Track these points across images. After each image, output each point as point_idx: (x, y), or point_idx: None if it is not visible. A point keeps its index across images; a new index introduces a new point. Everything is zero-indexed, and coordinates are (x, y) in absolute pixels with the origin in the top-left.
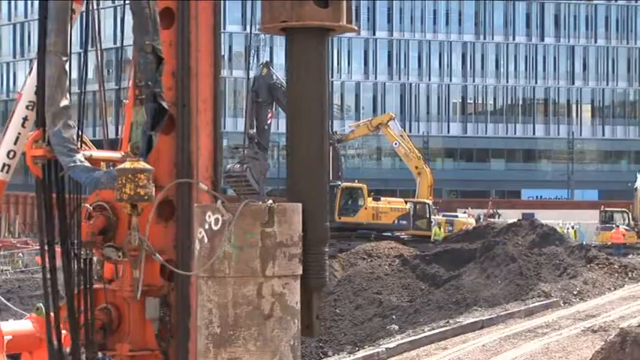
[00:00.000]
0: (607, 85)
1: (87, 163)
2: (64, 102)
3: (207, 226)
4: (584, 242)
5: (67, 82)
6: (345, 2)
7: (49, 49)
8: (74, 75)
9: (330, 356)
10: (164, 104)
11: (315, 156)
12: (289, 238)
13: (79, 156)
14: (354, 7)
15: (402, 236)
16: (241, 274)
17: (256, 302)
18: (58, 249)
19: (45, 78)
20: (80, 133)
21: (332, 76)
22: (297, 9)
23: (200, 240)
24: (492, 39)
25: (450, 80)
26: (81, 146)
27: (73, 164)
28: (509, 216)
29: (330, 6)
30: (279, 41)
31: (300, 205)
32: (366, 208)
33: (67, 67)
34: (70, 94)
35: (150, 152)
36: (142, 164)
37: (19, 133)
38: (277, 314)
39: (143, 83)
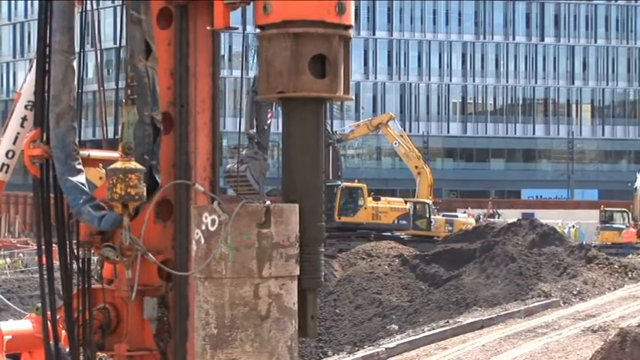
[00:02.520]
0: (607, 85)
1: (81, 178)
2: (71, 102)
3: (203, 227)
4: (584, 242)
5: (74, 82)
6: (342, 73)
7: (55, 47)
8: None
9: (329, 356)
10: (158, 177)
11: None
12: (286, 238)
13: (76, 164)
14: (356, 8)
15: (401, 236)
16: (238, 275)
17: (253, 303)
18: (55, 249)
19: (50, 77)
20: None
21: None
22: (294, 80)
23: (197, 241)
24: (492, 39)
25: (450, 80)
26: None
27: (65, 177)
28: (509, 216)
29: (327, 77)
30: None
31: (296, 205)
32: (365, 208)
33: (74, 65)
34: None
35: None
36: (133, 164)
37: (18, 133)
38: (274, 315)
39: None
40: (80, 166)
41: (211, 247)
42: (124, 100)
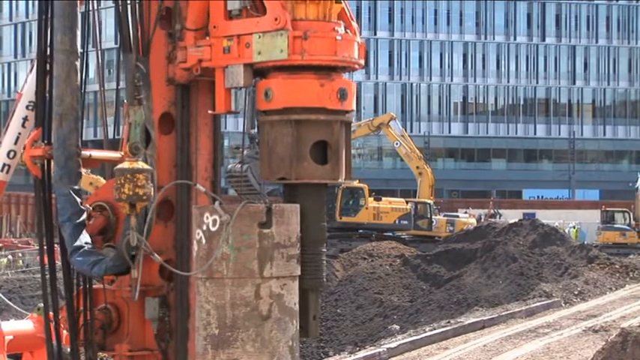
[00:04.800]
0: (608, 85)
1: (77, 184)
2: (74, 103)
3: (205, 227)
4: (586, 242)
5: (77, 82)
6: (343, 158)
7: (57, 47)
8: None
9: (331, 356)
10: (136, 272)
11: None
12: (287, 238)
13: (75, 168)
14: (357, 9)
15: (403, 236)
16: (239, 275)
17: (254, 303)
18: (57, 248)
19: (52, 77)
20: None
21: None
22: (296, 167)
23: (198, 241)
24: (493, 39)
25: (451, 80)
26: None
27: (61, 182)
28: (511, 216)
29: (329, 163)
30: None
31: (297, 205)
32: (367, 208)
33: (77, 65)
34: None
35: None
36: (140, 164)
37: (19, 133)
38: (275, 315)
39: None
40: (79, 170)
41: (212, 247)
42: (125, 101)
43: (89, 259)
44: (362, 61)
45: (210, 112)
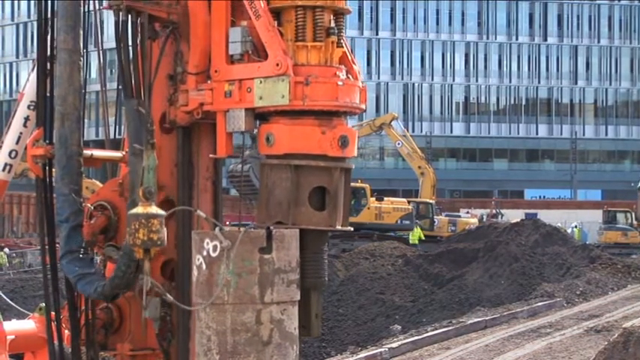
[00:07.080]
0: (610, 85)
1: (78, 184)
2: (76, 103)
3: (205, 253)
4: (588, 242)
5: (80, 82)
6: (341, 204)
7: (60, 46)
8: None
9: (332, 356)
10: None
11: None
12: (287, 264)
13: (77, 167)
14: (359, 8)
15: (404, 236)
16: (240, 301)
17: (255, 329)
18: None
19: (54, 77)
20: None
21: None
22: (294, 212)
23: (198, 267)
24: (495, 39)
25: (453, 80)
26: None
27: (62, 182)
28: (513, 216)
29: (327, 209)
30: None
31: (297, 231)
32: (369, 208)
33: (80, 64)
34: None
35: None
36: (154, 209)
37: (21, 133)
38: (276, 341)
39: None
40: (81, 170)
41: (213, 272)
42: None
43: (77, 271)
44: (363, 106)
45: (211, 155)
